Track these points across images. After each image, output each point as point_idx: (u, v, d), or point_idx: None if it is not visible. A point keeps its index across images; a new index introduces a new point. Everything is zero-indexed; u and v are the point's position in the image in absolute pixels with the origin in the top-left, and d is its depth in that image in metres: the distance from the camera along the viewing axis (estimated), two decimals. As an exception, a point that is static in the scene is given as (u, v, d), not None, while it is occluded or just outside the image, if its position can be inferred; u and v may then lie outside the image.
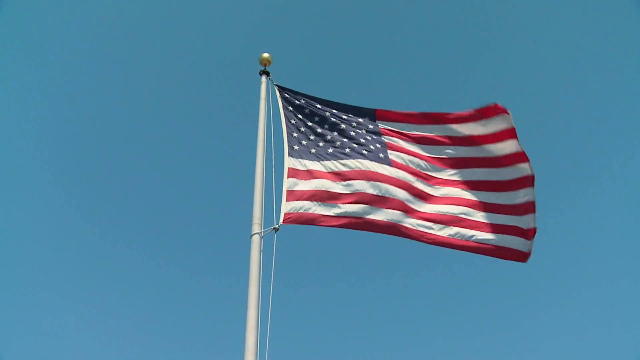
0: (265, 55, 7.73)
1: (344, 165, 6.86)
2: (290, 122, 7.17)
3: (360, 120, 7.38)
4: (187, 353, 17.55)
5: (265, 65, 7.69)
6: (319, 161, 6.87)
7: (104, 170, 20.95)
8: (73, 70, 20.39)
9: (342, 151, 7.04)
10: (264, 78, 7.56)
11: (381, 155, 7.10)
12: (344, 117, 7.38)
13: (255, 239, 5.85)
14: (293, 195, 6.37)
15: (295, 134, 7.05)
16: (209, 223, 21.26)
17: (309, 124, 7.26)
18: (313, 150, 7.00)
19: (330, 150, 7.04)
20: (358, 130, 7.30)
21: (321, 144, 7.10)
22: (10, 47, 18.73)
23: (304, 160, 6.80)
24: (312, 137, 7.15)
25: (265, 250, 5.85)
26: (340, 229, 6.46)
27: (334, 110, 7.41)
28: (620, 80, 20.59)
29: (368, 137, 7.23)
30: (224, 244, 20.24)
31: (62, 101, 20.00)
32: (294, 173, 6.58)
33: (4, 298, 16.33)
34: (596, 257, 19.71)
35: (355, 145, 7.12)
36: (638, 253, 18.00)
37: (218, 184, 21.77)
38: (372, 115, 7.44)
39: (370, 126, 7.36)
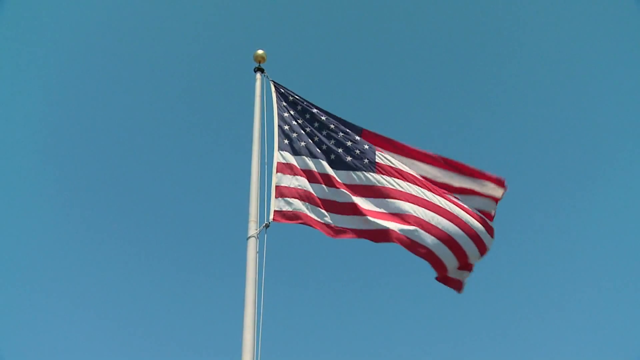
0: (260, 52, 7.68)
1: (330, 168, 6.75)
2: (283, 115, 7.11)
3: (348, 130, 7.15)
4: (184, 352, 17.56)
5: (259, 62, 7.65)
6: (308, 157, 6.79)
7: (97, 170, 20.98)
8: (68, 68, 20.45)
9: (330, 154, 6.89)
10: (258, 75, 7.52)
11: (366, 160, 6.91)
12: (332, 126, 7.17)
13: (252, 239, 5.85)
14: (281, 191, 6.33)
15: (286, 127, 7.00)
16: (203, 220, 21.29)
17: (300, 120, 7.18)
18: (303, 144, 6.91)
19: (318, 149, 6.92)
20: (345, 138, 7.12)
21: (311, 140, 7.01)
22: (10, 47, 18.79)
23: (294, 155, 6.74)
24: (302, 132, 7.06)
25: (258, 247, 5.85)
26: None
27: (325, 116, 7.26)
28: (620, 79, 20.56)
29: (355, 146, 7.05)
30: (218, 241, 20.28)
31: (58, 100, 20.04)
32: (282, 168, 6.52)
33: (4, 298, 16.37)
34: (596, 258, 19.68)
35: (341, 150, 6.94)
36: (637, 252, 17.98)
37: (212, 180, 21.78)
38: (359, 133, 7.14)
39: (357, 137, 7.11)
